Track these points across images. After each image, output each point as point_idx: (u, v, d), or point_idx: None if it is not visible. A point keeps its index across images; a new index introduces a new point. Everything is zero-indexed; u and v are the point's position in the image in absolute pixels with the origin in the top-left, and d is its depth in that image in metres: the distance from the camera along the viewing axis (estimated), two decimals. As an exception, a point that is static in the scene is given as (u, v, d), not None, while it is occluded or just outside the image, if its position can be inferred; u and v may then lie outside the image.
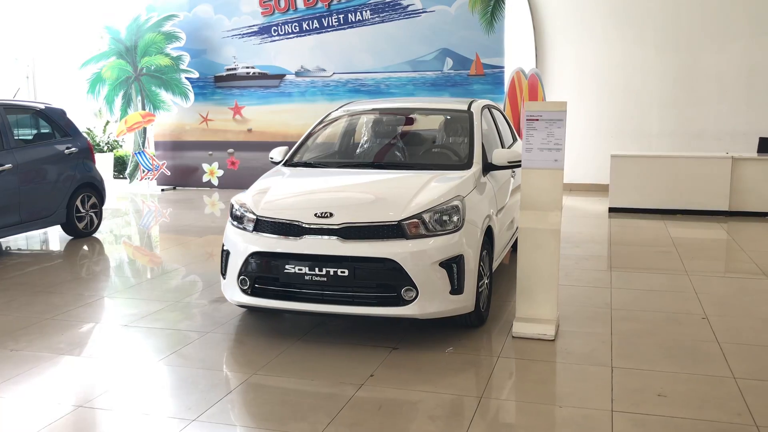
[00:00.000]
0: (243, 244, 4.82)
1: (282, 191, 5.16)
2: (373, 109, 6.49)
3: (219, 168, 13.31)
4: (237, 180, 13.15)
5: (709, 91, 11.61)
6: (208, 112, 13.18)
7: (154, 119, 13.09)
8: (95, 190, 8.69)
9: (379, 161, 5.83)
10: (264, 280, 4.74)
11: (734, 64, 11.43)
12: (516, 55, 11.80)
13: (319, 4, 12.31)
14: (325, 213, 4.62)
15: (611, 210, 10.02)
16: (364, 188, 5.15)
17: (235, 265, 4.83)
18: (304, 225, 4.63)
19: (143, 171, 13.29)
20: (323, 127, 6.28)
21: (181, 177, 13.47)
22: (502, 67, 11.55)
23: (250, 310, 5.36)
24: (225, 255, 5.00)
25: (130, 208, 11.46)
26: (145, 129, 13.34)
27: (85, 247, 8.19)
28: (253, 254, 4.72)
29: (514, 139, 7.20)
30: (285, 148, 6.12)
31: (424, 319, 4.59)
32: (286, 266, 4.60)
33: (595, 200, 11.01)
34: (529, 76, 11.19)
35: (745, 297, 5.88)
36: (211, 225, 9.82)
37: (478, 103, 6.26)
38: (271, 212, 4.80)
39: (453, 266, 4.57)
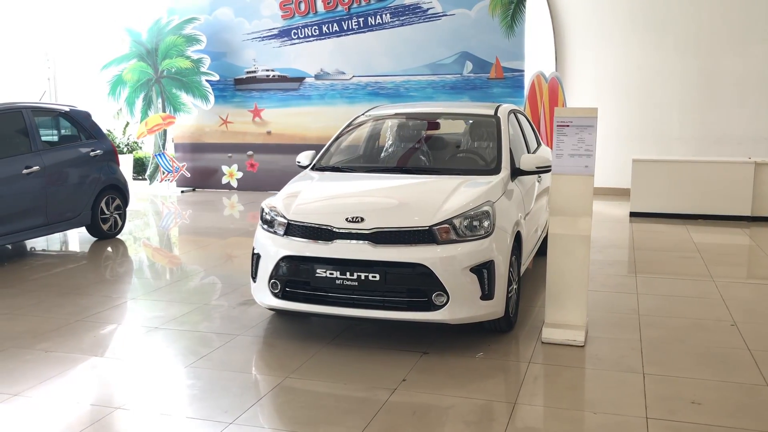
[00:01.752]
0: (274, 247, 4.85)
1: (312, 196, 5.19)
2: (399, 114, 6.52)
3: (238, 170, 13.37)
4: (256, 182, 13.23)
5: (730, 95, 11.55)
6: (227, 114, 13.25)
7: (174, 121, 13.17)
8: (119, 192, 8.76)
9: (406, 166, 5.86)
10: (295, 283, 4.77)
11: (756, 68, 11.36)
12: (536, 59, 11.79)
13: (339, 8, 12.35)
14: (357, 218, 4.65)
15: (632, 214, 9.99)
16: (394, 193, 5.17)
17: (266, 268, 4.87)
18: (335, 229, 4.66)
19: (163, 173, 13.37)
20: (350, 131, 6.31)
21: (201, 179, 13.55)
22: (522, 71, 11.55)
23: (279, 313, 5.40)
24: (255, 258, 5.04)
25: (150, 210, 11.53)
26: (165, 131, 13.42)
27: (110, 249, 8.26)
28: (285, 258, 4.75)
29: (539, 144, 7.20)
30: (312, 152, 6.15)
31: (455, 324, 4.61)
32: (317, 270, 4.63)
33: (615, 204, 10.97)
34: (549, 80, 11.18)
35: (774, 304, 5.86)
36: (231, 227, 9.88)
37: (504, 108, 6.27)
38: (302, 216, 4.83)
39: (484, 272, 4.58)
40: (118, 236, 8.80)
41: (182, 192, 13.31)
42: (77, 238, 8.83)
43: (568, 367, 4.48)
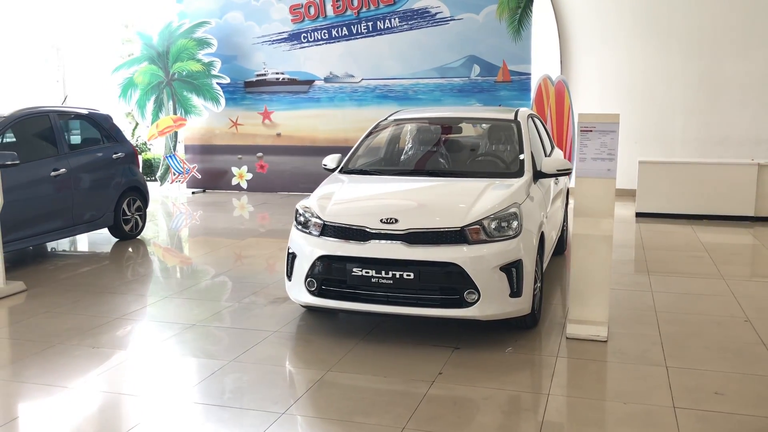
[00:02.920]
0: (309, 247, 5.07)
1: (346, 197, 5.41)
2: (422, 118, 6.74)
3: (248, 171, 13.57)
4: (265, 183, 13.44)
5: (733, 97, 11.81)
6: (237, 116, 13.45)
7: (185, 123, 13.36)
8: (140, 193, 8.96)
9: (432, 169, 6.08)
10: (331, 282, 4.98)
11: (757, 71, 11.63)
12: (542, 63, 12.04)
13: (349, 12, 12.57)
14: (391, 219, 4.86)
15: (638, 215, 10.24)
16: (424, 195, 5.39)
17: (302, 267, 5.08)
18: (370, 230, 4.87)
19: (174, 174, 13.56)
20: (374, 135, 6.52)
21: (211, 180, 13.74)
22: (529, 74, 11.80)
23: (310, 310, 5.63)
24: (291, 258, 5.25)
25: (165, 211, 11.72)
26: (176, 133, 13.60)
27: (131, 249, 8.45)
28: (321, 257, 4.97)
29: (552, 147, 7.43)
30: (338, 155, 6.36)
31: (485, 320, 4.83)
32: (354, 269, 4.84)
33: (621, 205, 11.17)
34: (555, 83, 11.42)
35: (783, 301, 6.11)
36: (246, 228, 10.09)
37: (523, 112, 6.50)
38: (337, 218, 5.04)
39: (513, 270, 4.80)
40: (139, 237, 8.99)
41: (193, 193, 13.50)
42: (96, 239, 9.01)
43: (594, 360, 4.71)
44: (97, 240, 8.98)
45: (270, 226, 10.14)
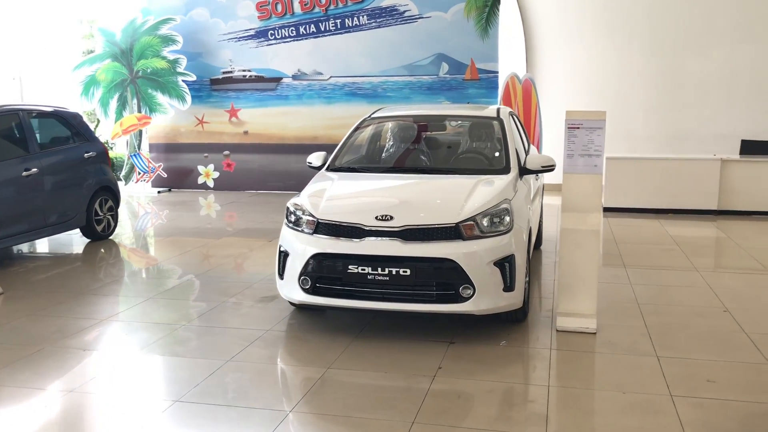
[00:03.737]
0: (303, 245, 5.06)
1: (338, 195, 5.42)
2: (407, 116, 6.78)
3: (215, 170, 13.42)
4: (233, 182, 13.32)
5: (693, 95, 12.17)
6: (203, 114, 13.30)
7: (150, 121, 13.15)
8: (111, 193, 8.80)
9: (420, 166, 6.13)
10: (326, 279, 4.99)
11: (716, 70, 12.01)
12: (509, 61, 12.21)
13: (317, 9, 12.54)
14: (386, 216, 4.90)
15: (606, 209, 10.46)
16: (416, 192, 5.43)
17: (295, 265, 5.07)
18: (365, 227, 4.89)
19: (139, 173, 13.34)
20: (359, 133, 6.53)
21: (177, 179, 13.56)
22: (497, 72, 11.95)
23: (299, 308, 5.62)
24: (282, 256, 5.24)
25: (134, 211, 11.52)
26: (140, 131, 13.38)
27: (103, 250, 8.30)
28: (316, 255, 4.97)
29: (528, 144, 7.56)
30: (323, 153, 6.36)
31: (479, 315, 4.90)
32: (350, 266, 4.86)
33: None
34: (523, 81, 11.59)
35: (757, 291, 6.33)
36: (220, 227, 10.00)
37: (504, 110, 6.60)
38: (331, 215, 5.05)
39: (506, 265, 4.88)
40: (111, 237, 8.83)
41: (159, 192, 13.30)
42: (62, 240, 8.81)
43: (587, 352, 4.82)
44: (63, 241, 8.79)
45: (243, 224, 10.06)
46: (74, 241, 8.75)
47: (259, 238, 8.88)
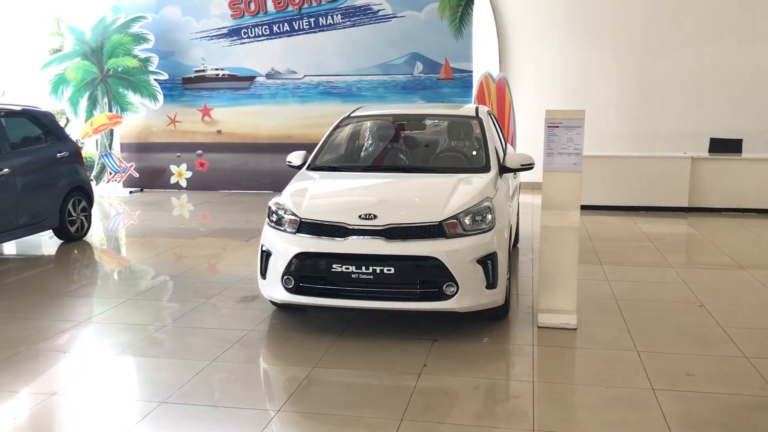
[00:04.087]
0: (285, 245, 5.05)
1: (321, 194, 5.42)
2: (386, 115, 6.79)
3: (187, 170, 13.31)
4: (206, 182, 13.23)
5: (662, 94, 12.39)
6: (176, 113, 13.17)
7: (122, 121, 12.99)
8: (85, 193, 8.68)
9: (400, 165, 6.15)
10: (310, 279, 4.98)
11: (684, 70, 12.24)
12: (483, 60, 12.30)
13: (290, 8, 12.50)
14: (370, 215, 4.91)
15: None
16: (399, 191, 5.46)
17: (277, 265, 5.06)
18: (349, 226, 4.90)
19: (110, 173, 13.17)
20: (338, 132, 6.53)
21: (149, 179, 13.42)
22: (471, 72, 12.03)
23: (281, 308, 5.61)
24: (265, 256, 5.22)
25: (106, 212, 11.36)
26: (112, 131, 13.20)
27: (76, 251, 8.19)
28: (299, 255, 4.96)
29: (505, 143, 7.62)
30: (303, 152, 6.34)
31: (463, 312, 4.93)
32: (334, 265, 4.86)
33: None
34: (496, 81, 11.68)
35: (730, 286, 6.46)
36: (194, 227, 9.91)
37: (483, 109, 6.66)
38: (315, 214, 5.05)
39: (488, 263, 4.93)
40: (85, 238, 8.71)
41: (130, 192, 13.15)
42: (38, 242, 8.67)
43: (569, 348, 4.89)
44: (35, 243, 8.64)
45: (218, 225, 9.98)
46: (47, 242, 8.61)
47: (235, 239, 8.82)
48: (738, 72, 12.07)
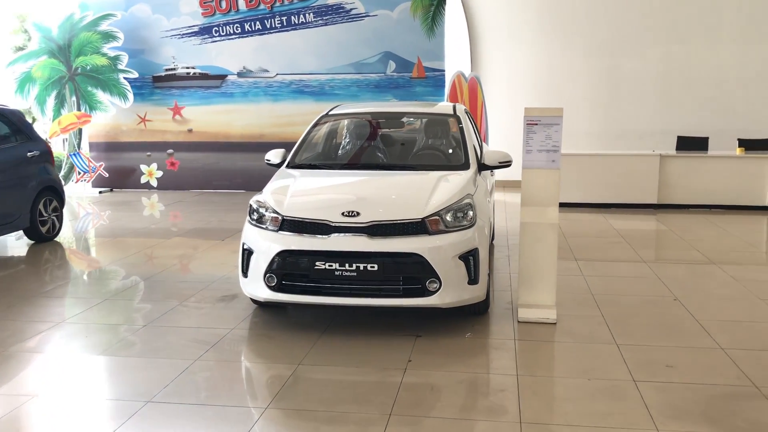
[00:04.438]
0: (267, 243, 5.04)
1: (302, 192, 5.41)
2: (365, 113, 6.81)
3: (158, 169, 13.17)
4: (177, 181, 13.10)
5: (630, 93, 12.61)
6: (146, 112, 13.02)
7: (91, 120, 12.80)
8: (56, 193, 8.55)
9: (380, 162, 6.18)
10: (293, 276, 4.98)
11: (652, 68, 12.47)
12: (455, 59, 12.38)
13: (262, 6, 12.44)
14: (352, 212, 4.92)
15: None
16: (380, 188, 5.48)
17: (259, 263, 5.05)
18: (332, 224, 4.91)
19: (79, 173, 12.97)
20: (317, 130, 6.53)
21: (119, 179, 13.24)
22: (443, 71, 12.10)
23: (262, 306, 5.60)
24: (246, 254, 5.20)
25: (76, 212, 11.19)
26: (80, 130, 13.00)
27: (48, 252, 8.06)
28: (281, 252, 4.95)
29: (481, 140, 7.69)
30: (281, 150, 6.32)
31: (445, 308, 4.97)
32: (317, 263, 4.86)
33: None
34: (469, 80, 11.78)
35: (702, 280, 6.61)
36: (167, 227, 9.82)
37: (460, 107, 6.72)
38: (297, 212, 5.04)
39: (470, 259, 4.98)
40: (56, 239, 8.57)
41: (100, 192, 12.97)
42: (7, 242, 8.52)
43: (549, 342, 4.96)
44: (4, 243, 8.48)
45: (191, 224, 9.90)
46: (16, 243, 8.45)
47: (209, 238, 8.76)
48: (704, 72, 12.34)
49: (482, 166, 5.97)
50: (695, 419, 3.74)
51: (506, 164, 6.02)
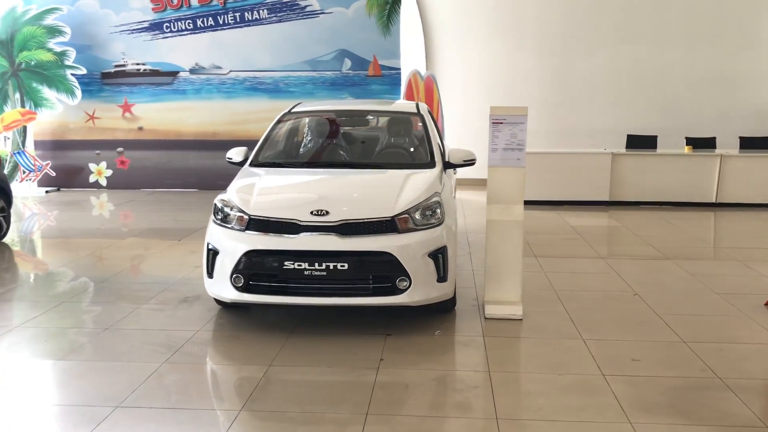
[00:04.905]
0: (233, 242, 4.95)
1: (269, 191, 5.34)
2: (328, 111, 6.77)
3: (107, 168, 12.84)
4: (127, 180, 12.80)
5: (580, 92, 12.85)
6: (94, 110, 12.67)
7: (36, 117, 12.40)
8: (3, 194, 8.25)
9: (346, 161, 6.14)
10: (260, 277, 4.91)
11: (601, 69, 12.74)
12: (411, 58, 12.42)
13: (214, 2, 12.24)
14: (322, 211, 4.88)
15: (507, 202, 10.85)
16: (348, 186, 5.44)
17: (225, 263, 4.96)
18: (301, 223, 4.86)
19: (24, 172, 12.55)
20: (279, 128, 6.46)
21: (66, 178, 12.86)
22: (399, 69, 12.11)
23: (226, 307, 5.52)
24: (211, 254, 5.11)
25: (20, 213, 10.81)
26: (25, 127, 12.57)
27: (-3, 254, 7.78)
28: (248, 253, 4.87)
29: (442, 139, 7.74)
30: (243, 149, 6.23)
31: (415, 306, 4.98)
32: (286, 263, 4.80)
33: (478, 193, 11.78)
34: (425, 78, 11.82)
35: (659, 275, 6.77)
36: (120, 227, 9.59)
37: (423, 105, 6.74)
38: (264, 211, 4.97)
39: (439, 257, 4.99)
40: (4, 240, 8.28)
41: (46, 192, 12.57)
42: (-45, 244, 8.20)
43: (517, 338, 5.02)
44: (-45, 245, 8.17)
45: (146, 224, 9.67)
46: (-38, 245, 8.14)
47: (165, 238, 8.58)
48: (651, 72, 12.66)
49: (447, 165, 5.99)
50: (665, 411, 3.83)
51: (470, 162, 6.06)
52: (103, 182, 12.87)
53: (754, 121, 12.58)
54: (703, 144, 11.30)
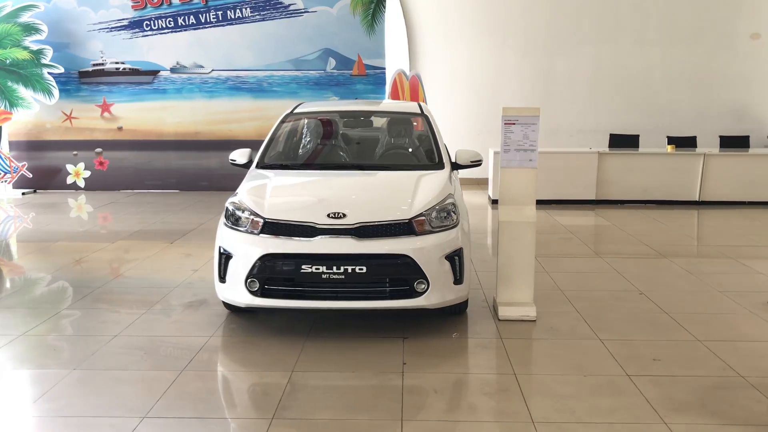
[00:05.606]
0: (248, 246, 4.87)
1: (282, 193, 5.26)
2: (331, 112, 6.69)
3: (85, 169, 12.55)
4: (106, 181, 12.54)
5: (562, 91, 12.95)
6: (72, 109, 12.38)
7: (11, 117, 12.06)
8: (-12, 196, 8.00)
9: (353, 162, 6.07)
10: (276, 280, 4.83)
11: (582, 68, 12.86)
12: (396, 57, 12.37)
13: (196, 0, 12.04)
14: (338, 213, 4.82)
15: (494, 201, 10.90)
16: (363, 188, 5.38)
17: (239, 267, 4.87)
18: (318, 226, 4.79)
19: (-1, 173, 12.22)
20: (282, 129, 6.36)
21: (42, 179, 12.54)
22: (384, 68, 12.07)
23: (234, 311, 5.43)
24: (224, 258, 5.01)
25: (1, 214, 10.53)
26: (0, 128, 12.22)
27: (-18, 259, 7.54)
28: (264, 256, 4.79)
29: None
30: (247, 150, 6.13)
31: (433, 309, 4.94)
32: (303, 266, 4.73)
33: (472, 193, 11.85)
34: (410, 78, 11.80)
35: (660, 274, 6.84)
36: (107, 230, 9.38)
37: (425, 106, 6.70)
38: (279, 214, 4.89)
39: (455, 259, 4.97)
40: (-11, 245, 8.04)
41: (23, 194, 12.24)
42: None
43: (534, 339, 5.02)
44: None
45: (134, 227, 9.46)
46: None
47: (157, 240, 8.42)
48: (632, 72, 12.82)
49: (454, 165, 5.97)
50: (697, 411, 3.85)
51: (477, 163, 6.05)
52: (81, 183, 12.58)
53: (731, 120, 12.83)
54: (684, 143, 11.47)
